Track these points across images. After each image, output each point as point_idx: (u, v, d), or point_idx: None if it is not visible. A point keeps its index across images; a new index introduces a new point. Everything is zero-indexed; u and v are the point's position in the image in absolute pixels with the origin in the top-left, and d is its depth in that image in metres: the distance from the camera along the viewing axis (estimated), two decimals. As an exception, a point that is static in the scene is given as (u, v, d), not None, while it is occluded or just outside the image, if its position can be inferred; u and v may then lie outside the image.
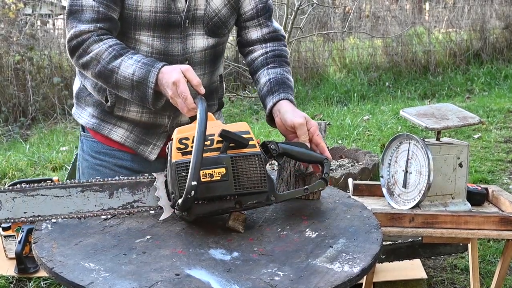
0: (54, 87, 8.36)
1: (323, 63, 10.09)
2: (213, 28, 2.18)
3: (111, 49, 1.99)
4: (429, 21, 11.24)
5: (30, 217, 1.75)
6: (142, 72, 1.94)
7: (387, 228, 2.62)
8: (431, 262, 3.91)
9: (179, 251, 1.64)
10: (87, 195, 1.79)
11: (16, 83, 8.31)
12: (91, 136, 2.29)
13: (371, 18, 10.88)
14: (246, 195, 1.74)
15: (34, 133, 7.77)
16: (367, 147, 5.93)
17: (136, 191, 1.82)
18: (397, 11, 10.88)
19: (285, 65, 2.26)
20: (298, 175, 2.01)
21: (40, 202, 1.76)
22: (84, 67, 2.06)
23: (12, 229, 3.72)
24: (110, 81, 2.01)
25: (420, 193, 2.70)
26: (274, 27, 2.32)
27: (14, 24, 8.53)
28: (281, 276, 1.51)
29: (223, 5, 2.17)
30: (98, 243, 1.67)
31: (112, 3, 2.04)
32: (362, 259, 1.61)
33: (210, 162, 1.70)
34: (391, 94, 9.10)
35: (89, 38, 2.01)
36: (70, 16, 2.05)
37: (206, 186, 1.69)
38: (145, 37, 2.11)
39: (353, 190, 3.08)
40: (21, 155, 6.05)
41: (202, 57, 2.20)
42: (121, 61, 1.98)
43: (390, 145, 2.87)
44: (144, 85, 1.95)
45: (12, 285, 3.63)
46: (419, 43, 10.31)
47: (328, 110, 7.93)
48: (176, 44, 2.13)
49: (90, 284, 1.45)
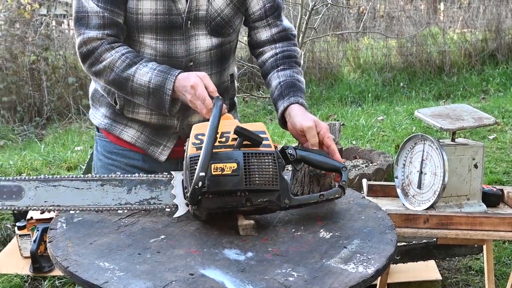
0: (69, 87, 8.40)
1: (337, 64, 10.06)
2: (216, 28, 2.17)
3: (124, 57, 2.03)
4: (444, 21, 11.18)
5: (50, 206, 1.81)
6: (158, 80, 1.97)
7: (401, 229, 2.61)
8: (445, 263, 3.89)
9: (194, 251, 1.64)
10: (106, 189, 1.84)
11: (32, 83, 8.35)
12: (104, 136, 2.32)
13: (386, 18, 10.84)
14: (257, 192, 1.73)
15: (49, 132, 7.81)
16: (381, 148, 5.91)
17: (154, 189, 1.85)
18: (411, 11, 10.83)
19: (295, 65, 2.25)
20: (313, 176, 2.00)
21: (61, 193, 1.82)
22: (97, 75, 2.09)
23: (27, 228, 3.74)
24: (125, 88, 2.05)
25: (435, 194, 2.68)
26: (283, 26, 2.30)
27: (29, 25, 8.57)
28: (295, 276, 1.51)
29: (225, 5, 2.16)
30: (113, 243, 1.68)
31: (116, 8, 2.05)
32: (377, 260, 1.61)
33: (223, 157, 1.71)
34: (405, 94, 9.06)
35: (100, 46, 2.04)
36: (77, 22, 2.08)
37: (217, 180, 1.69)
38: (148, 40, 2.12)
39: (368, 190, 3.07)
40: (36, 154, 6.08)
41: (208, 57, 2.19)
42: (136, 69, 2.01)
43: (405, 145, 2.86)
44: (161, 92, 1.98)
45: (27, 284, 3.65)
46: (433, 43, 10.26)
47: (342, 111, 7.91)
48: (179, 45, 2.13)
49: (104, 284, 1.45)
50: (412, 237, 2.86)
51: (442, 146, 2.69)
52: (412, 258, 3.06)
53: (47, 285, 3.62)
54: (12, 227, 4.31)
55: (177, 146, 2.24)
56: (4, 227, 4.37)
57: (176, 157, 2.21)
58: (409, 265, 3.30)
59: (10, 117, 7.99)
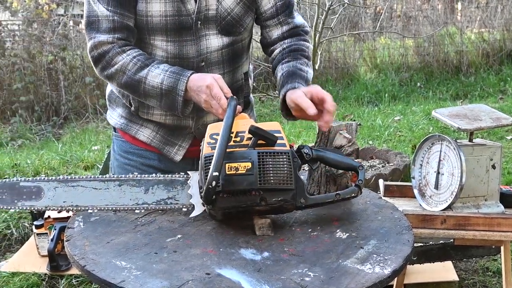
0: (86, 86, 8.44)
1: (353, 63, 10.04)
2: (227, 27, 2.17)
3: (136, 60, 2.04)
4: (461, 21, 11.12)
5: (68, 206, 1.84)
6: (171, 81, 1.99)
7: (418, 230, 2.60)
8: (462, 264, 3.87)
9: (210, 251, 1.64)
10: (123, 189, 1.86)
11: (49, 82, 8.40)
12: (120, 136, 2.33)
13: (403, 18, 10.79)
14: (271, 191, 1.73)
15: (67, 132, 7.85)
16: (398, 148, 5.88)
17: (171, 188, 1.87)
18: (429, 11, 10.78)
19: (300, 57, 2.21)
20: (329, 175, 2.00)
21: (80, 193, 1.84)
22: (109, 79, 2.10)
23: (44, 227, 3.76)
24: (137, 90, 2.06)
25: (452, 195, 2.67)
26: (295, 24, 2.27)
27: (47, 25, 8.62)
28: (311, 276, 1.50)
29: (235, 4, 2.15)
30: (130, 242, 1.69)
31: (126, 11, 2.06)
32: (393, 260, 1.60)
33: (237, 156, 1.71)
34: (422, 94, 9.02)
35: (111, 50, 2.05)
36: (88, 27, 2.09)
37: (231, 179, 1.69)
38: (159, 42, 2.12)
39: (384, 191, 3.06)
40: (53, 154, 6.11)
41: (219, 56, 2.19)
42: (148, 71, 2.02)
43: (422, 146, 2.84)
44: (174, 93, 1.99)
45: (45, 282, 3.67)
46: (451, 43, 10.20)
47: (358, 111, 7.89)
48: (190, 46, 2.14)
49: (121, 282, 1.46)
50: (429, 238, 2.85)
51: (460, 146, 2.67)
52: (429, 259, 3.05)
53: (64, 283, 3.64)
54: (30, 226, 4.34)
55: (192, 146, 2.24)
56: (22, 226, 4.40)
57: (192, 156, 2.21)
58: (426, 266, 3.28)
59: (28, 117, 8.04)
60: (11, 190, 1.83)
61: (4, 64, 8.37)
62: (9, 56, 8.43)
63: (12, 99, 8.19)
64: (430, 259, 3.05)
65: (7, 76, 8.28)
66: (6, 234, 4.34)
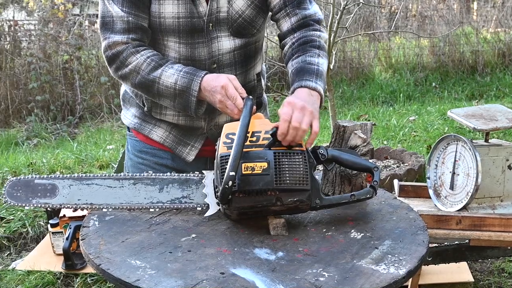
0: (101, 86, 8.47)
1: (368, 63, 10.00)
2: (239, 29, 2.17)
3: (150, 60, 2.05)
4: (477, 20, 11.05)
5: (83, 204, 1.84)
6: (184, 81, 1.99)
7: (433, 230, 2.59)
8: (478, 265, 3.84)
9: (224, 250, 1.64)
10: (138, 188, 1.87)
11: (65, 82, 8.44)
12: (134, 135, 2.35)
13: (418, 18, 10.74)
14: (287, 191, 1.73)
15: (82, 131, 7.88)
16: (413, 148, 5.86)
17: (185, 187, 1.87)
18: (444, 11, 10.72)
19: (310, 49, 2.11)
20: (344, 176, 1.99)
21: (94, 191, 1.85)
22: (123, 79, 2.11)
23: (60, 226, 3.78)
24: (151, 90, 2.07)
25: (468, 195, 2.66)
26: (303, 14, 2.18)
27: (62, 24, 8.66)
28: (326, 276, 1.50)
29: (246, 6, 2.15)
30: (145, 241, 1.69)
31: (140, 12, 2.07)
32: (408, 261, 1.60)
33: (254, 156, 1.72)
34: (437, 94, 8.97)
35: (125, 50, 2.06)
36: (103, 27, 2.10)
37: (247, 179, 1.70)
38: (172, 43, 2.13)
39: (399, 191, 3.05)
40: (69, 153, 6.14)
41: (231, 58, 2.19)
42: (162, 71, 2.03)
43: (437, 146, 2.83)
44: (187, 93, 2.00)
45: (60, 280, 3.69)
46: (466, 43, 10.14)
47: (373, 111, 7.86)
48: (202, 48, 2.14)
49: (136, 281, 1.47)
50: (444, 239, 2.83)
51: (476, 146, 2.66)
52: (444, 260, 3.03)
53: (79, 282, 3.66)
54: (45, 225, 4.36)
55: (205, 146, 2.25)
56: (37, 225, 4.42)
57: (205, 156, 2.22)
58: (440, 267, 3.26)
59: (44, 116, 8.08)
60: (26, 187, 1.84)
61: (20, 64, 8.42)
62: (25, 55, 8.48)
63: (28, 98, 8.24)
64: (445, 259, 3.03)
65: (23, 75, 8.33)
66: (22, 232, 4.37)
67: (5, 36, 8.60)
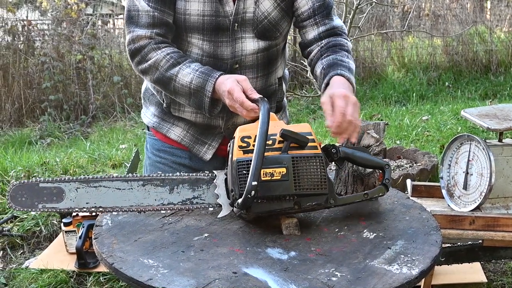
0: (114, 85, 8.50)
1: (381, 63, 9.98)
2: (263, 31, 2.17)
3: (169, 57, 2.06)
4: (490, 19, 11.00)
5: (92, 208, 1.79)
6: (199, 81, 2.00)
7: (446, 230, 2.58)
8: (491, 265, 3.82)
9: (237, 250, 1.64)
10: (147, 189, 1.82)
11: (78, 81, 8.48)
12: (153, 134, 2.37)
13: (431, 17, 10.70)
14: (306, 196, 1.73)
15: (95, 130, 7.91)
16: (425, 148, 5.83)
17: (196, 188, 1.84)
18: (457, 10, 10.67)
19: (340, 51, 2.16)
20: (357, 175, 1.99)
21: (102, 194, 1.80)
22: (144, 73, 2.13)
23: (73, 225, 3.79)
24: (168, 87, 2.08)
25: (481, 195, 2.65)
26: (332, 25, 2.22)
27: (76, 24, 8.69)
28: (338, 276, 1.50)
29: (272, 8, 2.15)
30: (157, 240, 1.69)
31: (166, 8, 2.09)
32: (421, 261, 1.59)
33: (271, 161, 1.70)
34: (451, 94, 8.93)
35: (148, 45, 2.08)
36: (128, 20, 2.12)
37: (266, 185, 1.69)
38: (196, 40, 2.14)
39: (412, 191, 3.04)
40: (82, 152, 6.16)
41: (254, 60, 2.20)
42: (179, 69, 2.04)
43: (451, 146, 2.82)
44: (201, 93, 2.01)
45: (73, 279, 3.70)
46: (480, 42, 10.09)
47: (386, 110, 7.84)
48: (225, 47, 2.15)
49: (149, 280, 1.47)
50: (457, 239, 2.82)
51: (489, 146, 2.65)
52: (457, 260, 3.02)
53: (92, 281, 3.67)
54: (58, 223, 4.38)
55: (222, 144, 2.26)
56: (51, 224, 4.44)
57: (222, 155, 2.22)
58: (453, 267, 3.25)
59: (57, 115, 8.11)
60: (31, 191, 1.76)
61: (33, 63, 8.46)
62: (38, 55, 8.52)
63: (41, 97, 8.28)
64: (458, 260, 3.02)
65: (37, 75, 8.37)
66: (35, 231, 4.38)
67: (18, 36, 8.63)
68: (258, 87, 2.19)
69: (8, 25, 8.64)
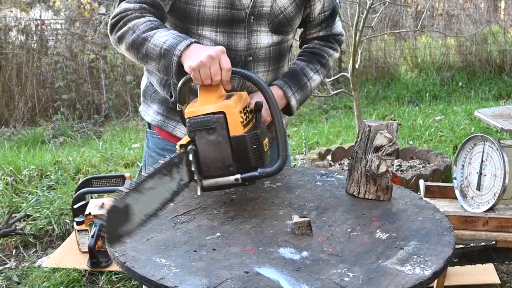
0: (126, 85, 8.53)
1: (394, 63, 9.95)
2: (278, 26, 2.19)
3: (149, 22, 1.99)
4: (504, 19, 10.94)
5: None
6: (173, 42, 1.92)
7: (459, 231, 2.57)
8: (504, 267, 3.80)
9: (249, 249, 1.64)
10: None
11: (90, 81, 8.52)
12: (156, 133, 2.33)
13: (445, 17, 10.65)
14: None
15: (107, 130, 7.94)
16: (439, 148, 5.81)
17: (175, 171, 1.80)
18: (471, 10, 10.62)
19: (314, 62, 2.31)
20: (369, 175, 1.98)
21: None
22: (120, 40, 2.05)
23: (85, 224, 3.80)
24: (140, 50, 1.99)
25: (495, 196, 2.63)
26: (331, 32, 2.37)
27: (88, 23, 8.73)
28: (350, 277, 1.49)
29: (289, 3, 2.17)
30: (170, 239, 1.69)
31: None
32: (434, 262, 1.58)
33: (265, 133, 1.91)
34: (464, 94, 8.90)
35: (131, 14, 2.02)
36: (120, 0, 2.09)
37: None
38: (208, 32, 2.12)
39: (425, 191, 3.03)
40: (94, 151, 6.18)
41: (267, 53, 2.21)
42: (156, 31, 1.97)
43: (464, 146, 2.81)
44: (171, 53, 1.91)
45: (85, 278, 3.72)
46: (494, 42, 10.04)
47: (399, 110, 7.82)
48: (240, 39, 2.14)
49: (161, 280, 1.47)
50: (470, 240, 2.81)
51: (503, 147, 2.63)
52: (470, 261, 3.01)
53: (104, 279, 3.68)
54: (71, 222, 4.40)
55: None
56: (63, 222, 4.46)
57: None
58: (466, 268, 3.24)
59: (70, 115, 8.15)
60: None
61: (46, 63, 8.51)
62: (51, 54, 8.56)
63: (54, 97, 8.32)
64: (471, 261, 3.01)
65: (50, 74, 8.42)
66: (48, 230, 4.41)
67: (32, 35, 8.68)
68: (268, 81, 2.22)
69: (22, 25, 8.70)
